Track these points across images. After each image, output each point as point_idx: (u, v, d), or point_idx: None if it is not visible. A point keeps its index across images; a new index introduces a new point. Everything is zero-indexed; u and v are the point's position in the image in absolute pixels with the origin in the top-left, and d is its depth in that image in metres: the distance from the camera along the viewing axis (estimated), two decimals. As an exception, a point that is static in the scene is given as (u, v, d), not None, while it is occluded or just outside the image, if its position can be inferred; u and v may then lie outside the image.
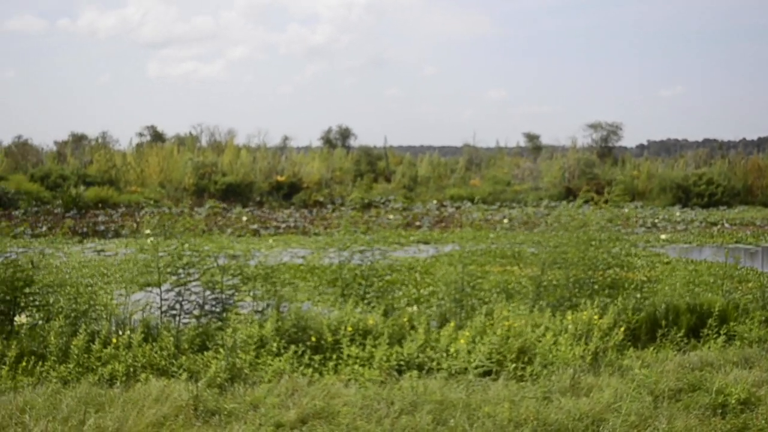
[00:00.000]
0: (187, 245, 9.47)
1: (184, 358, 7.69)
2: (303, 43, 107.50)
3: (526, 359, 7.93)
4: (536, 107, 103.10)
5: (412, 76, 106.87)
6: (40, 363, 7.50)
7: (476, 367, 7.55)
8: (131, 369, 7.44)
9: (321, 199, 37.88)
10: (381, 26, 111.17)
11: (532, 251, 11.11)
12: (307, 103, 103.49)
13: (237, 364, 7.47)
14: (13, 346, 7.63)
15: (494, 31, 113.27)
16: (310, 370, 7.56)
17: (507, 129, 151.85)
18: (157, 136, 58.06)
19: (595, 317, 8.83)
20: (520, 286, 10.60)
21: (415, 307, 10.16)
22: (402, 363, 7.76)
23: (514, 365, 7.71)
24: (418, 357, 7.89)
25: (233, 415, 6.41)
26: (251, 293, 9.77)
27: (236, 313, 9.03)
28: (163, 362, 7.61)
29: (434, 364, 7.78)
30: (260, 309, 9.41)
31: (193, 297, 9.34)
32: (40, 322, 8.71)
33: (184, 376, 7.19)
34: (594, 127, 55.70)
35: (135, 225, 24.89)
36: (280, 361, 7.71)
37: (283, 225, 27.53)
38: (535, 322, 8.82)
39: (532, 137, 60.76)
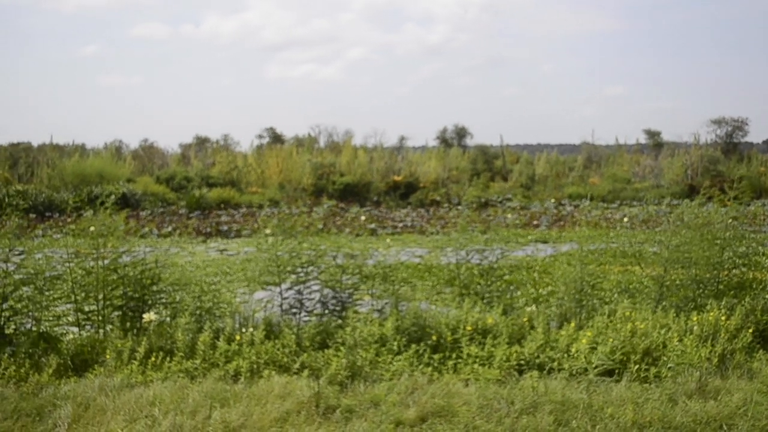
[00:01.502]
0: (305, 244, 9.62)
1: (305, 355, 7.81)
2: (419, 43, 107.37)
3: (650, 360, 7.75)
4: (657, 103, 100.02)
5: (530, 74, 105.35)
6: (168, 358, 7.74)
7: (597, 367, 7.43)
8: (254, 365, 7.58)
9: (437, 198, 37.77)
10: (497, 25, 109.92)
11: (653, 250, 10.84)
12: (423, 102, 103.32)
13: (357, 362, 7.54)
14: (142, 342, 7.91)
15: (613, 26, 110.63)
16: (430, 368, 7.57)
17: (627, 126, 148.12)
18: (277, 138, 59.15)
19: (722, 318, 8.55)
20: (642, 286, 10.36)
21: (533, 307, 10.05)
22: (522, 363, 7.69)
23: (637, 366, 7.55)
24: (538, 357, 7.81)
25: (354, 412, 6.48)
26: (370, 292, 9.85)
27: (355, 312, 9.13)
28: (285, 359, 7.74)
29: (555, 364, 7.68)
30: (379, 308, 9.48)
31: (312, 295, 9.48)
32: (168, 319, 8.99)
33: (306, 373, 7.31)
34: (718, 122, 53.81)
35: (256, 225, 25.40)
36: (399, 359, 7.75)
37: (400, 224, 27.60)
38: (660, 322, 8.61)
39: (652, 134, 59.13)
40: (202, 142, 54.97)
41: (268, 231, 10.24)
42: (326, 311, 9.31)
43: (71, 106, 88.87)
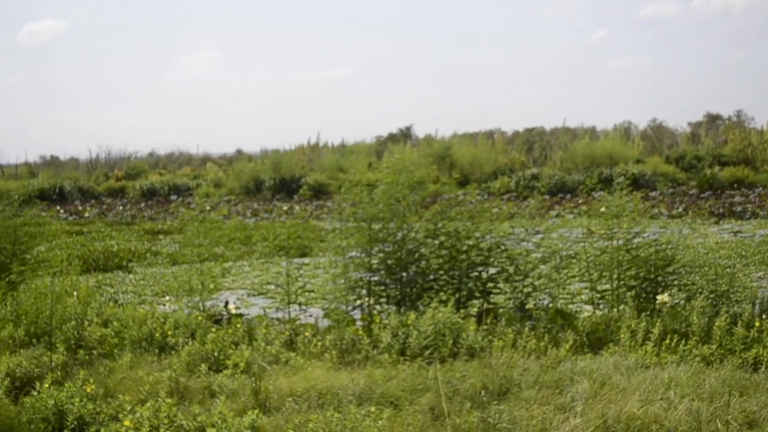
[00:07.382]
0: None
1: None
2: None
3: None
4: None
5: None
6: (683, 342, 7.62)
7: None
8: (775, 355, 7.16)
9: None
10: None
11: None
12: None
13: None
14: (656, 324, 7.88)
15: None
16: None
17: None
18: (799, 112, 55.09)
19: None
20: None
21: None
22: None
23: None
24: None
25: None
26: None
27: None
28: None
29: None
30: None
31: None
32: (681, 301, 8.87)
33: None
34: None
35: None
36: None
37: None
38: None
39: None
40: (712, 119, 53.14)
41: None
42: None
43: (582, 91, 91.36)
